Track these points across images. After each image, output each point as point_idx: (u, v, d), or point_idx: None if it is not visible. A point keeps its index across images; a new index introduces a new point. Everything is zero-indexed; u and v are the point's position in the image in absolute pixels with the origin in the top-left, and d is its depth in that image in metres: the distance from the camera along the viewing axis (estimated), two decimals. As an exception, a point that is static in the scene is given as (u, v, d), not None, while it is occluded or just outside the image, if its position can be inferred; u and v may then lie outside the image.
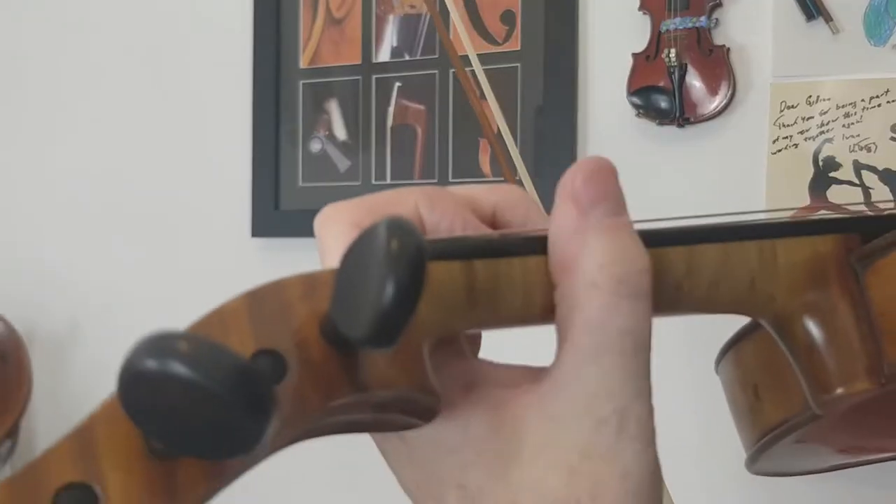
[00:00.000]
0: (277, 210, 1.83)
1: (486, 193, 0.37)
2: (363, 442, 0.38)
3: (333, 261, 0.30)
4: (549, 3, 1.62)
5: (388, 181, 1.75)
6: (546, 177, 1.63)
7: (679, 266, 0.35)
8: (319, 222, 0.36)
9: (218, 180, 1.90)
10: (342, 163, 1.79)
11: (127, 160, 1.99)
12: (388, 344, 0.26)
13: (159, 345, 0.24)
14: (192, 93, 1.93)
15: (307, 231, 1.68)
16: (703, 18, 1.51)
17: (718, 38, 1.52)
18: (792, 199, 1.48)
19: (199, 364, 0.23)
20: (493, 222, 0.37)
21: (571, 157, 1.60)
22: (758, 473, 0.42)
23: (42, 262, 2.07)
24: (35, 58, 2.08)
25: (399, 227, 0.26)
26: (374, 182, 1.76)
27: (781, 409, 0.37)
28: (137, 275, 1.97)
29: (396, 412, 0.30)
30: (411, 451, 0.33)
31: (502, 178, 1.66)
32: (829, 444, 0.42)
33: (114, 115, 2.00)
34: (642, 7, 1.55)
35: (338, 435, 0.31)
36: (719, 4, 1.51)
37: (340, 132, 1.79)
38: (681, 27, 1.51)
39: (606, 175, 0.34)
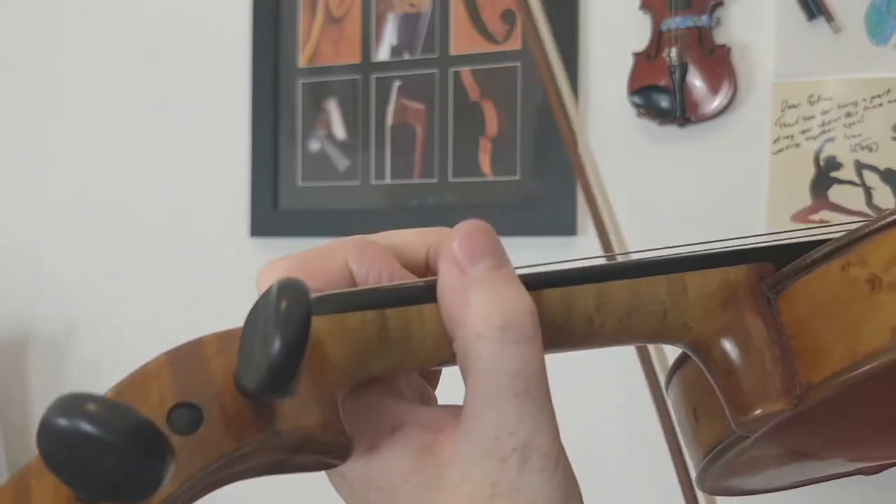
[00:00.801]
0: (276, 209, 1.82)
1: (419, 238, 0.40)
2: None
3: None
4: (549, 3, 1.62)
5: (388, 180, 1.74)
6: (547, 176, 1.62)
7: (588, 302, 0.37)
8: (260, 279, 0.39)
9: (217, 180, 1.90)
10: (341, 162, 1.78)
11: (125, 160, 1.98)
12: (280, 394, 0.29)
13: (70, 405, 0.27)
14: (191, 92, 1.93)
15: (306, 231, 1.67)
16: (704, 17, 1.50)
17: (720, 38, 1.52)
18: (793, 198, 1.48)
19: (103, 421, 0.26)
20: (426, 266, 0.39)
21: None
22: (712, 493, 0.43)
23: (39, 262, 2.06)
24: (33, 58, 2.08)
25: (287, 289, 0.30)
26: (373, 181, 1.75)
27: (714, 431, 0.39)
28: (136, 275, 1.97)
29: (312, 453, 0.33)
30: (350, 485, 0.37)
31: (502, 178, 1.66)
32: (784, 460, 0.43)
33: (112, 114, 1.99)
34: (643, 6, 1.55)
35: (268, 475, 0.34)
36: (720, 3, 1.51)
37: (340, 131, 1.79)
38: (682, 26, 1.51)
39: (481, 234, 0.36)
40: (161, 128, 1.95)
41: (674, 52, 1.50)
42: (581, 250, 1.62)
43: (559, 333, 0.37)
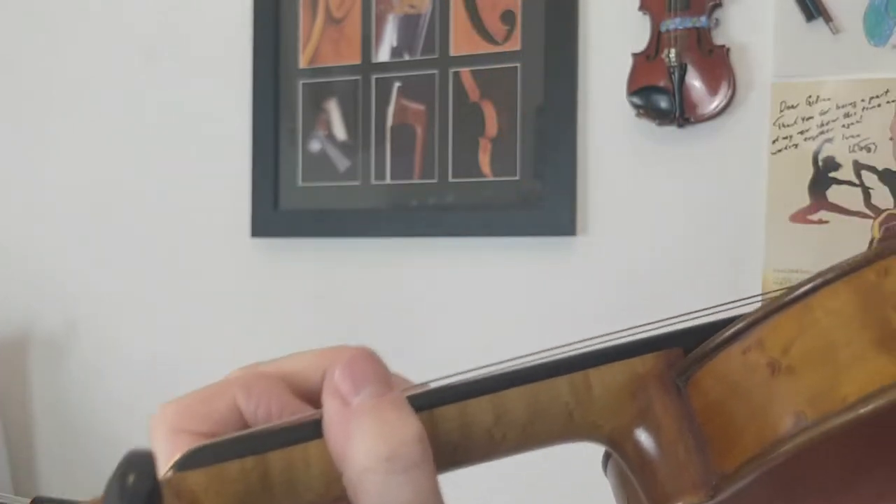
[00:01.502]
0: (277, 210, 1.83)
1: (314, 362, 0.38)
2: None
3: (161, 466, 0.33)
4: (549, 3, 1.62)
5: (388, 181, 1.75)
6: (546, 177, 1.63)
7: (485, 416, 0.35)
8: (150, 426, 0.38)
9: (217, 180, 1.90)
10: (342, 162, 1.79)
11: (126, 160, 1.99)
12: None
13: None
14: (191, 92, 1.93)
15: (307, 231, 1.68)
16: (703, 18, 1.51)
17: (718, 38, 1.52)
18: (792, 199, 1.48)
19: None
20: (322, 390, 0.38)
21: (572, 157, 1.60)
22: None
23: (40, 263, 2.07)
24: (34, 59, 2.08)
25: (132, 464, 0.31)
26: (373, 182, 1.76)
27: None
28: (137, 275, 1.97)
29: None
30: None
31: (502, 178, 1.66)
32: None
33: (113, 115, 2.00)
34: (642, 7, 1.55)
35: None
36: (719, 4, 1.51)
37: (340, 132, 1.79)
38: (681, 27, 1.51)
39: (362, 362, 0.35)
40: (162, 128, 1.96)
41: (673, 52, 1.50)
42: (580, 250, 1.63)
43: (458, 451, 0.35)
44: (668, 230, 1.57)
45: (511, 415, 0.35)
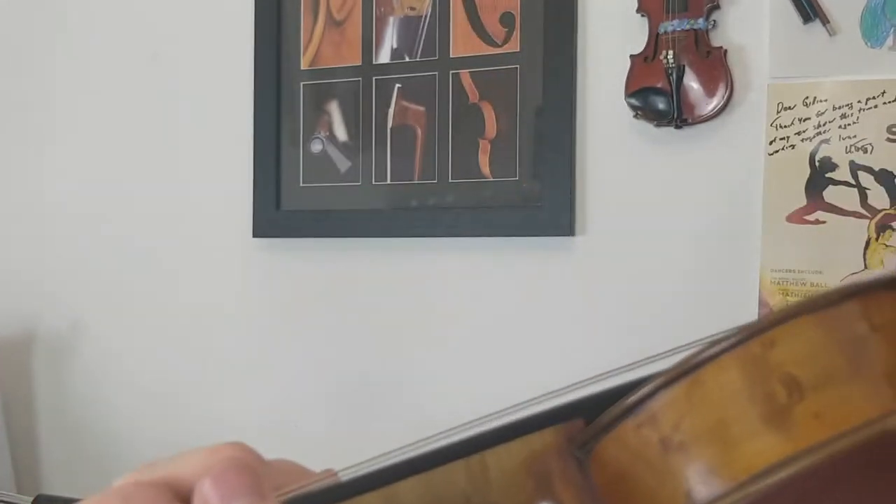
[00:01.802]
0: (278, 210, 1.84)
1: (203, 462, 0.36)
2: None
3: None
4: (548, 5, 1.63)
5: (388, 181, 1.76)
6: (545, 177, 1.64)
7: None
8: None
9: (219, 181, 1.91)
10: (343, 163, 1.80)
11: (128, 161, 1.99)
12: None
13: None
14: (193, 94, 1.94)
15: (308, 231, 1.69)
16: (700, 20, 1.52)
17: (716, 40, 1.53)
18: (789, 199, 1.49)
19: None
20: None
21: (570, 158, 1.61)
22: None
23: (43, 263, 2.07)
24: (37, 62, 2.09)
25: None
26: (374, 182, 1.77)
27: None
28: (140, 275, 1.98)
29: None
30: None
31: (501, 179, 1.67)
32: None
33: (115, 116, 2.01)
34: (640, 9, 1.56)
35: None
36: (717, 6, 1.52)
37: (341, 133, 1.80)
38: (679, 29, 1.52)
39: (234, 474, 0.34)
40: (164, 130, 1.96)
41: (671, 54, 1.51)
42: (579, 250, 1.64)
43: None
44: (666, 230, 1.58)
45: None
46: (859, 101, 1.46)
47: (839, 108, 1.47)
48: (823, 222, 1.48)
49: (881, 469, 0.32)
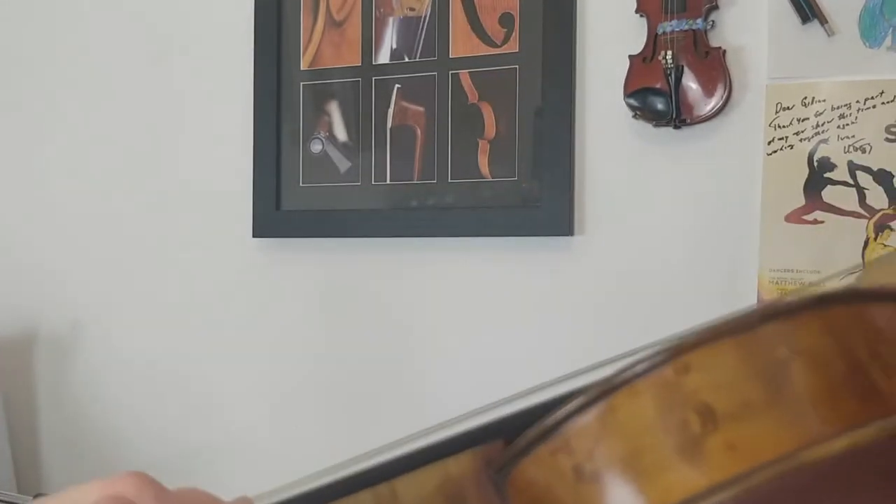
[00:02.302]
0: (279, 210, 1.84)
1: (97, 493, 0.34)
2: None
3: None
4: (547, 6, 1.64)
5: (388, 181, 1.76)
6: (545, 177, 1.64)
7: None
8: None
9: (219, 181, 1.91)
10: (342, 163, 1.80)
11: (128, 161, 2.00)
12: None
13: None
14: (193, 94, 1.94)
15: (308, 231, 1.69)
16: (699, 20, 1.52)
17: (714, 40, 1.53)
18: (787, 199, 1.50)
19: None
20: None
21: (569, 158, 1.62)
22: None
23: (44, 262, 2.08)
24: (38, 61, 2.09)
25: None
26: (373, 182, 1.77)
27: None
28: (139, 275, 1.99)
29: None
30: None
31: (501, 179, 1.68)
32: None
33: (115, 115, 2.01)
34: (639, 9, 1.56)
35: None
36: (715, 7, 1.52)
37: (341, 133, 1.81)
38: (677, 29, 1.52)
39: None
40: (164, 130, 1.97)
41: (669, 54, 1.52)
42: (578, 250, 1.64)
43: None
44: (665, 230, 1.58)
45: None
46: (857, 102, 1.46)
47: (837, 108, 1.47)
48: (822, 222, 1.48)
49: (796, 501, 0.30)
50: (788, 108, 1.50)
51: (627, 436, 0.30)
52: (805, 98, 1.49)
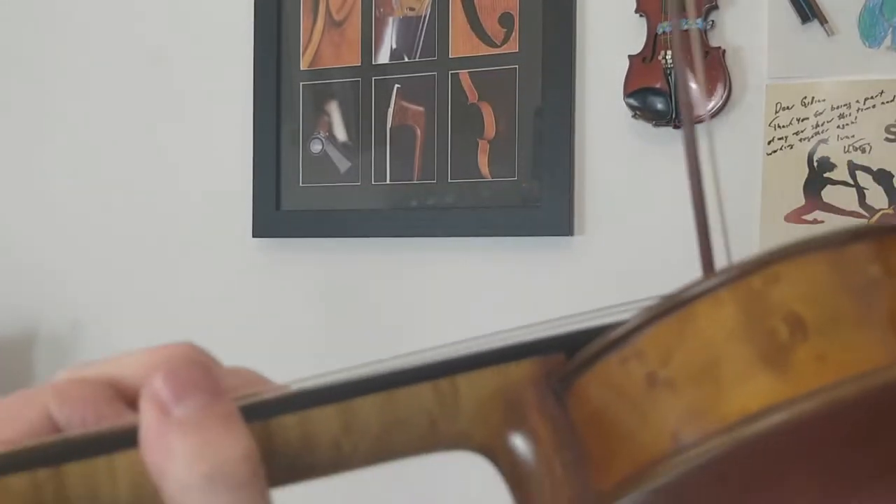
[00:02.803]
0: (278, 210, 1.84)
1: (145, 361, 0.35)
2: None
3: None
4: (547, 6, 1.64)
5: (388, 181, 1.76)
6: (544, 177, 1.64)
7: (331, 425, 0.32)
8: None
9: (219, 181, 1.91)
10: (342, 163, 1.80)
11: (128, 161, 2.00)
12: None
13: None
14: (193, 94, 1.94)
15: (308, 231, 1.69)
16: (699, 20, 1.52)
17: (714, 40, 1.53)
18: (787, 199, 1.50)
19: None
20: None
21: (569, 158, 1.62)
22: None
23: (43, 263, 2.08)
24: (38, 61, 2.09)
25: None
26: (373, 182, 1.77)
27: None
28: (139, 275, 1.99)
29: None
30: None
31: (500, 179, 1.68)
32: None
33: (115, 115, 2.01)
34: (639, 9, 1.56)
35: None
36: (715, 6, 1.53)
37: (340, 133, 1.81)
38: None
39: (188, 368, 0.32)
40: (165, 130, 1.97)
41: (669, 54, 1.52)
42: (578, 250, 1.64)
43: (300, 463, 0.32)
44: (665, 230, 1.58)
45: (362, 424, 0.32)
46: (857, 101, 1.46)
47: (837, 108, 1.47)
48: (822, 222, 1.48)
49: (883, 421, 0.30)
50: (788, 107, 1.50)
51: (708, 344, 0.29)
52: (805, 98, 1.49)
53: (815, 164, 1.49)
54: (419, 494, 1.70)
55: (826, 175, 1.48)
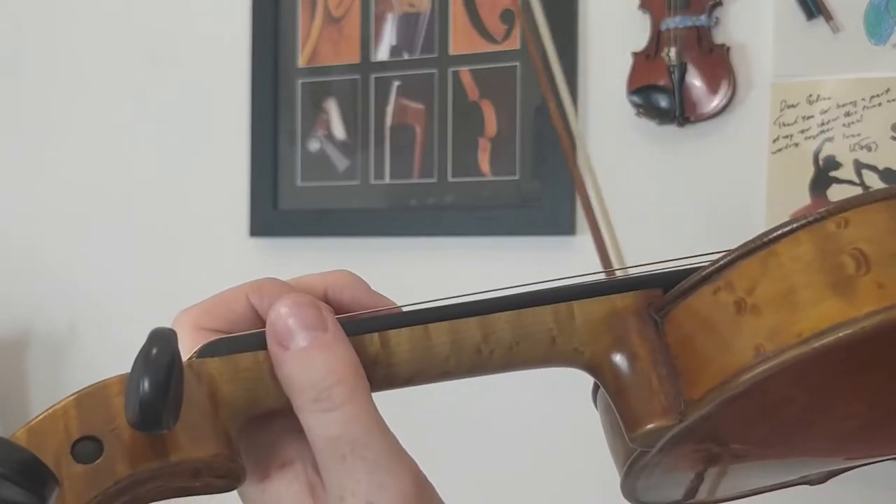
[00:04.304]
0: (276, 210, 1.83)
1: (317, 279, 0.44)
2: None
3: (185, 356, 0.37)
4: (548, 2, 1.62)
5: (387, 180, 1.75)
6: (546, 176, 1.63)
7: (474, 334, 0.40)
8: (173, 324, 0.42)
9: (216, 180, 1.90)
10: (341, 162, 1.78)
11: (125, 160, 1.99)
12: (155, 427, 0.34)
13: None
14: (190, 92, 1.93)
15: (306, 230, 1.67)
16: (703, 17, 1.50)
17: (719, 37, 1.52)
18: (792, 198, 1.48)
19: None
20: (326, 302, 0.42)
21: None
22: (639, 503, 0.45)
23: (40, 262, 2.07)
24: (32, 56, 2.08)
25: (156, 338, 0.36)
26: (372, 181, 1.76)
27: (623, 446, 0.41)
28: (136, 275, 1.97)
29: (210, 477, 0.37)
30: None
31: (501, 178, 1.66)
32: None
33: (112, 114, 2.00)
34: (642, 5, 1.55)
35: (181, 496, 0.38)
36: (719, 3, 1.51)
37: (339, 131, 1.79)
38: (681, 26, 1.51)
39: (299, 307, 0.38)
40: (162, 129, 1.96)
41: (673, 51, 1.50)
42: (579, 250, 1.62)
43: (450, 362, 0.39)
44: (668, 230, 1.57)
45: (498, 335, 0.40)
46: (863, 99, 1.45)
47: (843, 105, 1.46)
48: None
49: None
50: (793, 105, 1.48)
51: (787, 275, 0.36)
52: (810, 96, 1.47)
53: (821, 162, 1.47)
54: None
55: (832, 174, 1.46)
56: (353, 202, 1.77)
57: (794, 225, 0.36)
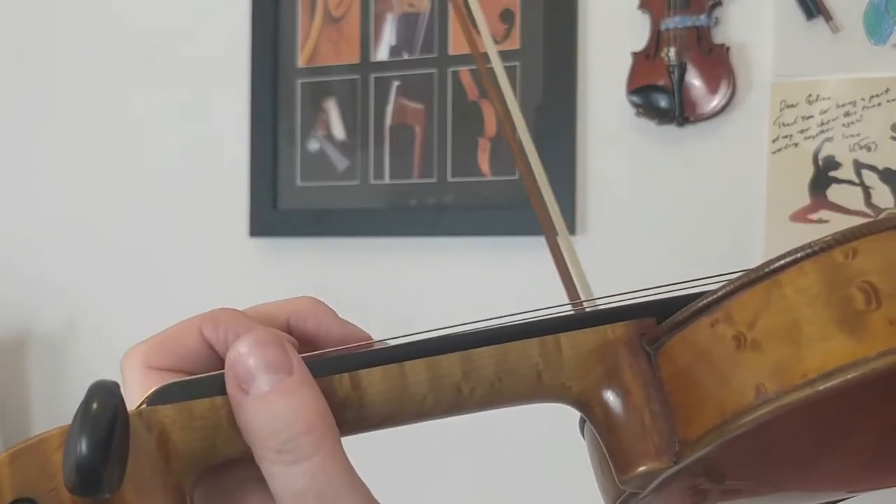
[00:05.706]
0: (275, 210, 1.82)
1: (278, 308, 0.41)
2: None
3: (130, 401, 0.34)
4: (548, 2, 1.62)
5: (387, 180, 1.74)
6: (545, 176, 1.62)
7: (454, 371, 0.37)
8: (122, 363, 0.40)
9: (216, 180, 1.90)
10: (340, 162, 1.78)
11: (125, 160, 1.98)
12: (95, 492, 0.31)
13: None
14: (189, 92, 1.93)
15: (305, 231, 1.67)
16: (702, 17, 1.50)
17: (718, 37, 1.52)
18: (792, 198, 1.48)
19: None
20: (288, 332, 0.40)
21: (571, 156, 1.60)
22: None
23: (38, 263, 2.06)
24: (29, 56, 2.08)
25: (96, 391, 0.32)
26: (372, 181, 1.75)
27: (613, 486, 0.38)
28: (135, 275, 1.97)
29: None
30: None
31: (501, 178, 1.66)
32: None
33: (109, 113, 1.99)
34: (642, 5, 1.55)
35: None
36: (719, 3, 1.51)
37: (339, 131, 1.79)
38: (680, 26, 1.51)
39: (261, 346, 0.35)
40: (160, 128, 1.95)
41: (672, 51, 1.50)
42: (580, 250, 1.62)
43: (427, 402, 0.37)
44: (668, 229, 1.56)
45: (480, 371, 0.37)
46: (863, 99, 1.44)
47: (843, 105, 1.45)
48: (827, 221, 1.46)
49: None
50: (793, 105, 1.48)
51: (791, 308, 0.33)
52: (810, 96, 1.47)
53: (821, 162, 1.47)
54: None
55: (831, 174, 1.46)
56: (352, 202, 1.77)
57: (799, 254, 0.33)
